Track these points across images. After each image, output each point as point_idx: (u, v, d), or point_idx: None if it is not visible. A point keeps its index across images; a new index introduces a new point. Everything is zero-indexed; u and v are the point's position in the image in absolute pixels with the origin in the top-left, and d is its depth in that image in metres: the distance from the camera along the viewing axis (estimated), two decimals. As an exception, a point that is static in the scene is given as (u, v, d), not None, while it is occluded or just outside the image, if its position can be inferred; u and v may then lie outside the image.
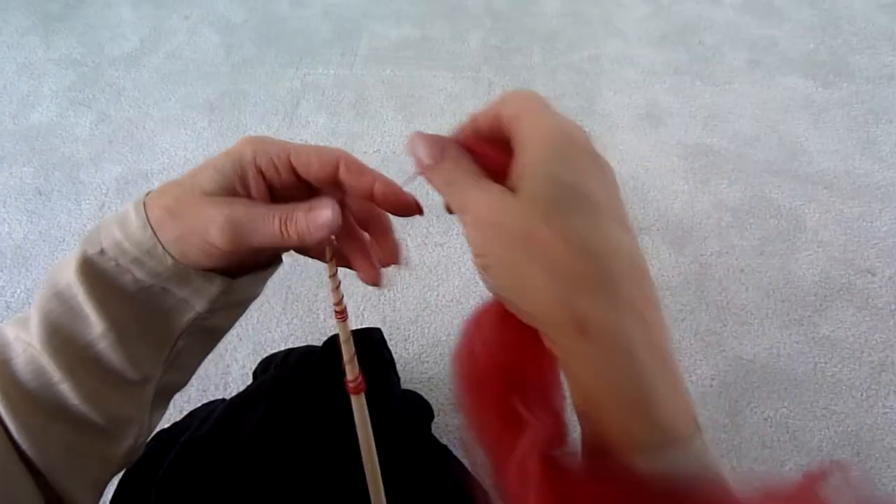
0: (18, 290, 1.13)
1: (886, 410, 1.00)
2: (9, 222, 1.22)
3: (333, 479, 0.44)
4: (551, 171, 0.24)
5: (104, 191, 1.29)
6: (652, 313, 0.24)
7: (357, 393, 0.33)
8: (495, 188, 0.26)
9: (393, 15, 1.71)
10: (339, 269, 0.33)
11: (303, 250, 0.35)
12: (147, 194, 0.31)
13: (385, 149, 1.36)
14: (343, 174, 0.30)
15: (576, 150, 0.25)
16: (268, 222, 0.29)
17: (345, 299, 0.33)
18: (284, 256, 0.36)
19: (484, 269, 0.26)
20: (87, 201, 1.27)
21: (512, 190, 0.25)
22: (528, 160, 0.25)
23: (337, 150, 0.30)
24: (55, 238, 1.20)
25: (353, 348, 0.33)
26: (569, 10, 1.74)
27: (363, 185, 0.30)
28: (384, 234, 0.34)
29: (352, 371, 0.33)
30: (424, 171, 0.28)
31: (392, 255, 0.34)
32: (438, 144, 0.28)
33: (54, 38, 1.64)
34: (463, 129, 0.29)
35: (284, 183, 0.31)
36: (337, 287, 0.33)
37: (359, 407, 0.33)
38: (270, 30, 1.67)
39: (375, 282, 0.34)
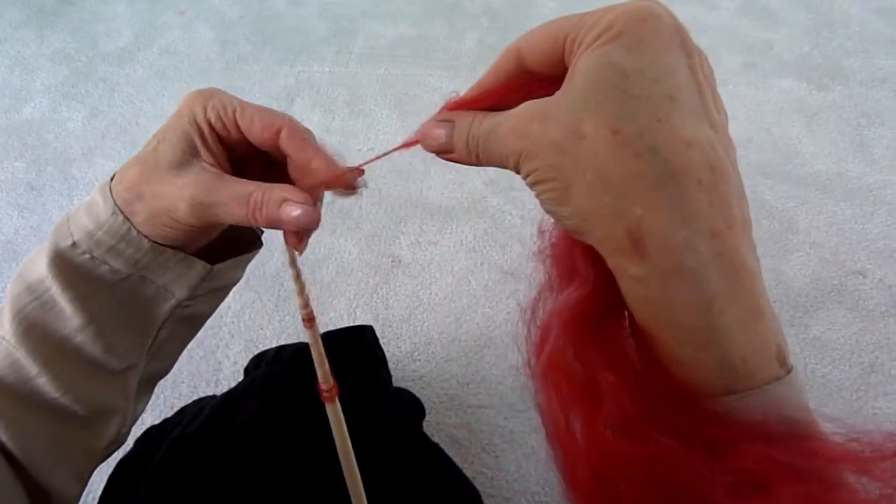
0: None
1: (875, 412, 1.00)
2: (0, 217, 1.21)
3: (325, 476, 0.44)
4: (606, 53, 0.20)
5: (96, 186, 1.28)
6: (731, 230, 0.19)
7: (331, 401, 0.32)
8: (530, 101, 0.21)
9: (390, 14, 1.71)
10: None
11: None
12: (112, 177, 0.30)
13: (379, 147, 1.35)
14: (283, 142, 0.29)
15: (644, 30, 0.20)
16: (232, 205, 0.28)
17: (312, 301, 0.31)
18: (279, 255, 0.36)
19: (532, 185, 0.21)
20: (80, 197, 1.25)
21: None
22: (582, 55, 0.20)
23: (282, 115, 0.29)
24: (47, 233, 1.18)
25: (324, 355, 0.31)
26: (565, 11, 1.72)
27: (302, 157, 0.29)
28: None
29: (325, 378, 0.31)
30: (446, 149, 0.25)
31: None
32: (441, 118, 0.25)
33: (48, 32, 1.63)
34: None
35: (235, 141, 0.29)
36: (302, 290, 0.31)
37: (334, 414, 0.32)
38: (266, 26, 1.66)
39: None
